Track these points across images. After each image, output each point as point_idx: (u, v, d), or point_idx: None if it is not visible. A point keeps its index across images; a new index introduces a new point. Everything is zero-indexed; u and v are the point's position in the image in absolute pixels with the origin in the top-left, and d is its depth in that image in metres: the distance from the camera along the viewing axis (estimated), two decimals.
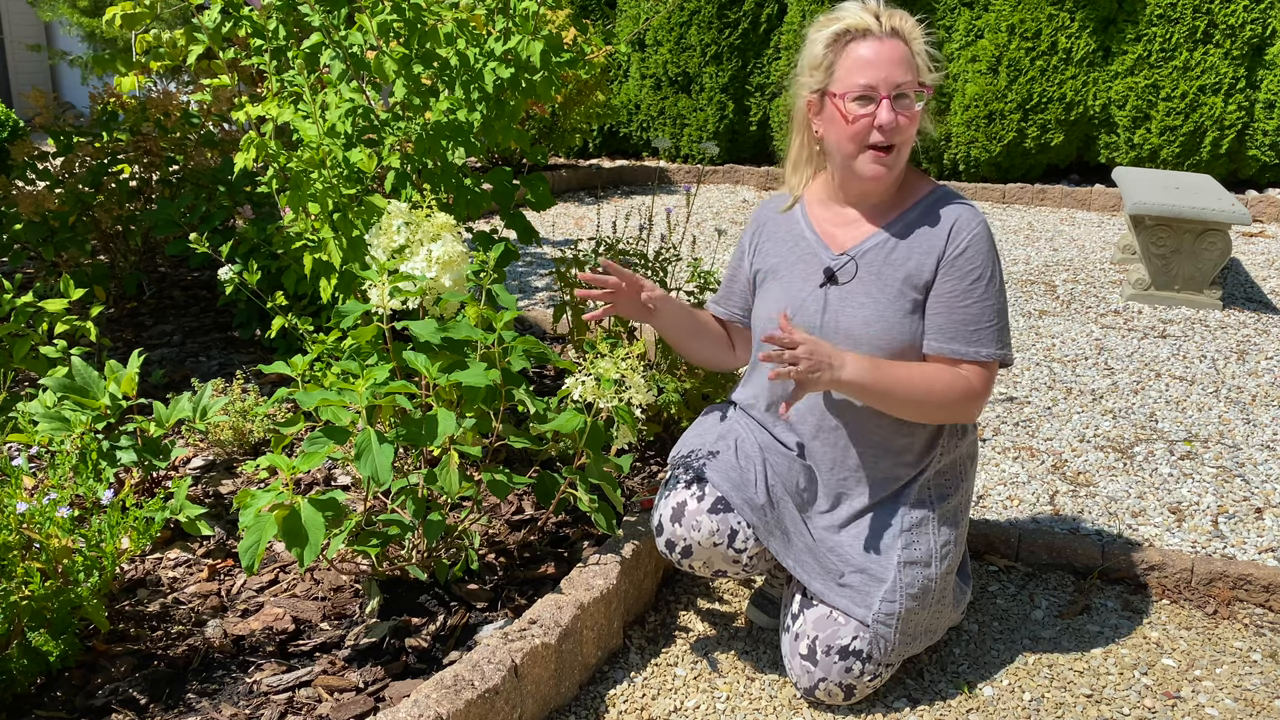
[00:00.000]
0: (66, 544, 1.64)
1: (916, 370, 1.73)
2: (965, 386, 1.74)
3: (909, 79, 1.71)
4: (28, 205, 3.33)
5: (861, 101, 1.71)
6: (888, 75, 1.69)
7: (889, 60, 1.70)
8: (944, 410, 1.75)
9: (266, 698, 1.64)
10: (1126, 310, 4.42)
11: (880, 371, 1.70)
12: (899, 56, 1.71)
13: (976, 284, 1.74)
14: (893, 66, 1.70)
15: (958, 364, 1.76)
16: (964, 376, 1.74)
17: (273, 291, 2.93)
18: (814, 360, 1.64)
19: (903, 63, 1.71)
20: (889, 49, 1.70)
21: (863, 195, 1.83)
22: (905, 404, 1.73)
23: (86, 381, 2.04)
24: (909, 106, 1.71)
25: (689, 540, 1.79)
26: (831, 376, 1.67)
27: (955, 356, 1.74)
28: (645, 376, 1.95)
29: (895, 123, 1.70)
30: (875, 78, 1.69)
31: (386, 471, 1.57)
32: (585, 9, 8.73)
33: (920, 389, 1.71)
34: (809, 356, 1.64)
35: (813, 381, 1.66)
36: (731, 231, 5.97)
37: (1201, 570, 2.17)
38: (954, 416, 1.77)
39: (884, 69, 1.69)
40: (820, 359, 1.65)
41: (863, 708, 1.80)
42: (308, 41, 2.52)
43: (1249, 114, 6.95)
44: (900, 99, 1.71)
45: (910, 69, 1.71)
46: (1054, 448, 2.93)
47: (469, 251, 1.96)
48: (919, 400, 1.72)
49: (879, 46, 1.70)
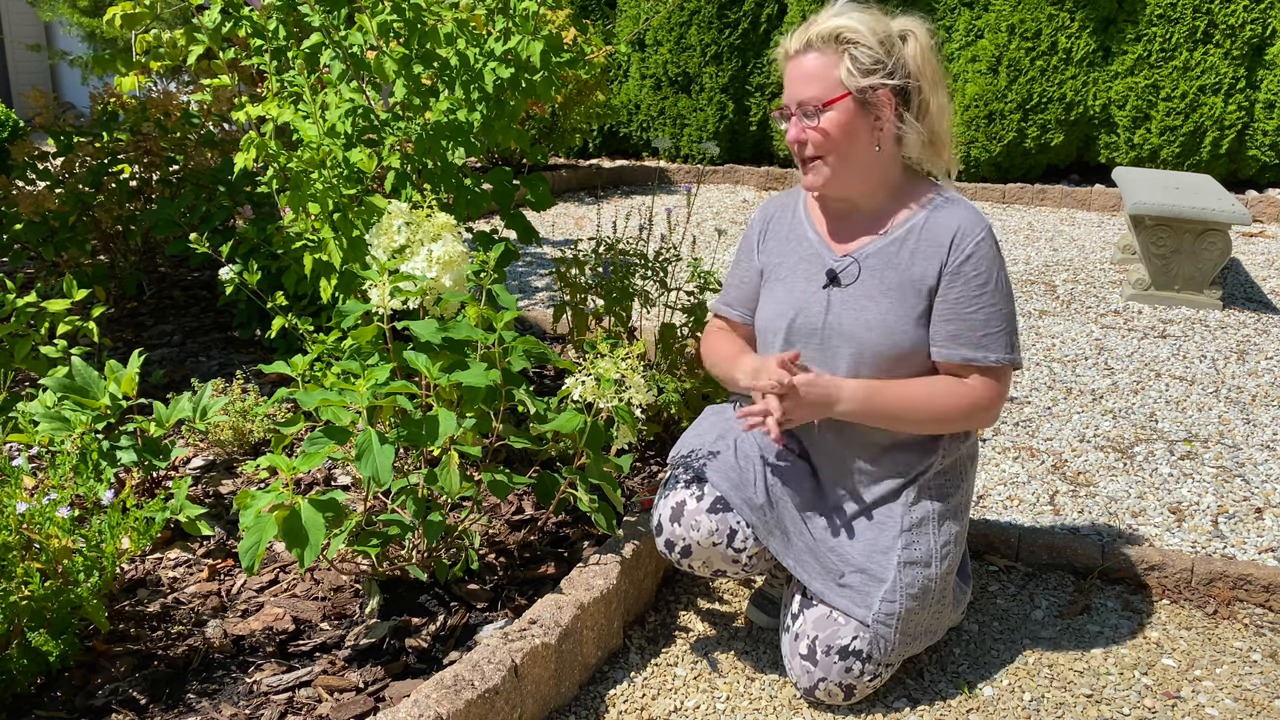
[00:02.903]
0: (66, 544, 1.64)
1: (919, 387, 1.74)
2: (972, 397, 1.74)
3: (811, 93, 1.71)
4: (28, 205, 3.33)
5: (782, 121, 1.78)
6: (791, 93, 1.75)
7: (793, 78, 1.74)
8: (956, 422, 1.76)
9: (266, 698, 1.64)
10: (1126, 310, 4.42)
11: (878, 399, 1.73)
12: (804, 72, 1.72)
13: (982, 290, 1.74)
14: (795, 84, 1.74)
15: (967, 371, 1.76)
16: (970, 386, 1.75)
17: (273, 291, 2.93)
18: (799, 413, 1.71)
19: (807, 77, 1.72)
20: (797, 66, 1.74)
21: (842, 200, 1.84)
22: (912, 423, 1.76)
23: (87, 381, 2.04)
24: (813, 119, 1.72)
25: (688, 540, 1.79)
26: (829, 411, 1.73)
27: (964, 362, 1.74)
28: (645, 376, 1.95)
29: (801, 137, 1.74)
30: (786, 96, 1.77)
31: (387, 472, 1.57)
32: (585, 9, 8.73)
33: (924, 406, 1.73)
34: (791, 410, 1.69)
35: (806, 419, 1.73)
36: (731, 231, 5.97)
37: (1201, 570, 2.17)
38: (970, 425, 1.79)
39: (790, 87, 1.75)
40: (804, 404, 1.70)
41: (863, 708, 1.80)
42: (308, 41, 2.52)
43: (1249, 114, 6.95)
44: (807, 114, 1.72)
45: (819, 81, 1.70)
46: (1054, 448, 2.93)
47: (469, 251, 1.96)
48: (926, 418, 1.74)
49: (791, 66, 1.75)
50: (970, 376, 1.75)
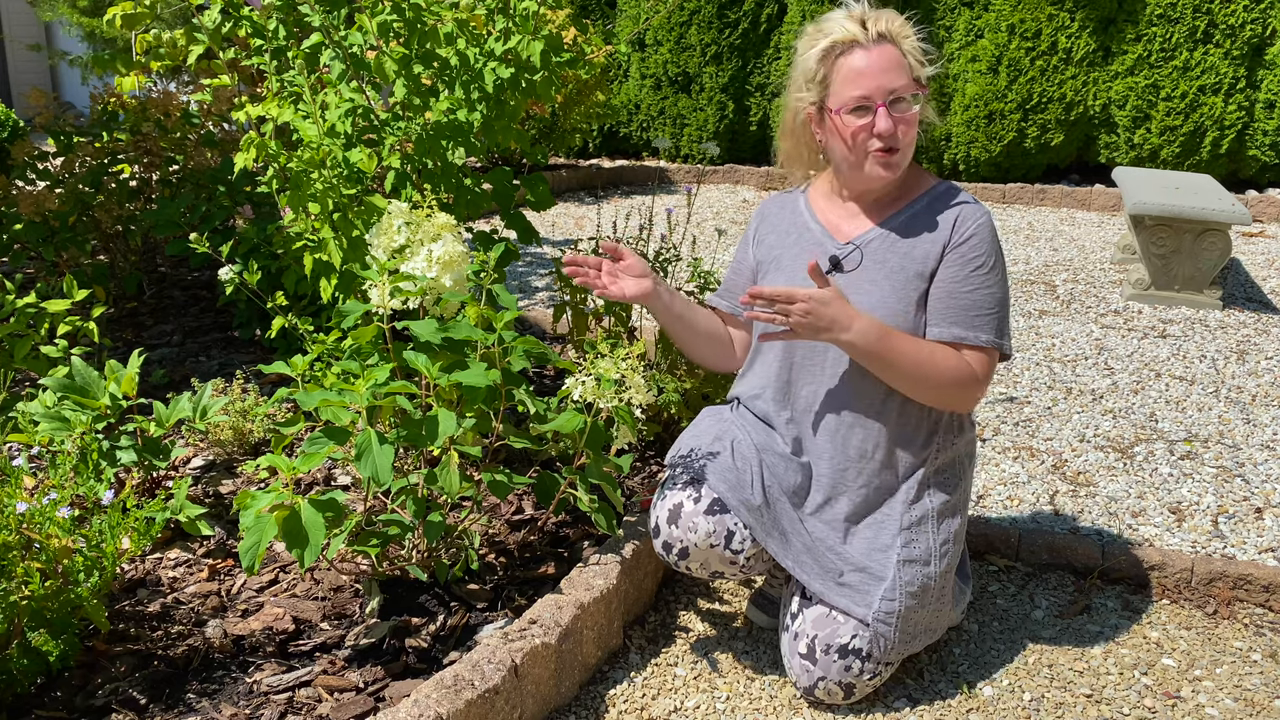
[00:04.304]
0: (67, 544, 1.64)
1: (925, 346, 1.74)
2: (967, 371, 1.75)
3: (902, 83, 1.71)
4: (28, 205, 3.33)
5: (859, 113, 1.73)
6: (880, 83, 1.71)
7: (880, 68, 1.71)
8: (943, 391, 1.75)
9: (266, 698, 1.64)
10: (1126, 310, 4.42)
11: (889, 341, 1.71)
12: (889, 62, 1.72)
13: (978, 271, 1.76)
14: (884, 74, 1.71)
15: (958, 349, 1.77)
16: (964, 359, 1.76)
17: (273, 291, 2.94)
18: (811, 318, 1.67)
19: (894, 67, 1.71)
20: (878, 56, 1.72)
21: (866, 192, 1.85)
22: (907, 377, 1.74)
23: (87, 381, 2.04)
24: (905, 110, 1.73)
25: (686, 542, 1.79)
26: (832, 336, 1.69)
27: (955, 341, 1.76)
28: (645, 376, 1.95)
29: (893, 129, 1.72)
30: (869, 88, 1.71)
31: (387, 472, 1.57)
32: (585, 9, 8.73)
33: (925, 364, 1.72)
34: (805, 315, 1.67)
35: (809, 334, 1.70)
36: (732, 231, 5.97)
37: (1201, 570, 2.17)
38: (952, 400, 1.78)
39: (876, 78, 1.71)
40: (823, 318, 1.67)
41: (862, 707, 1.80)
42: (308, 41, 2.52)
43: (1249, 114, 6.95)
44: (896, 104, 1.72)
45: (903, 71, 1.72)
46: (1054, 448, 2.93)
47: (469, 251, 1.96)
48: (921, 376, 1.73)
49: (868, 55, 1.72)
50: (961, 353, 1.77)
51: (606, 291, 1.84)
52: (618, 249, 1.86)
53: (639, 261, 1.87)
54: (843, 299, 1.70)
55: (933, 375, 1.73)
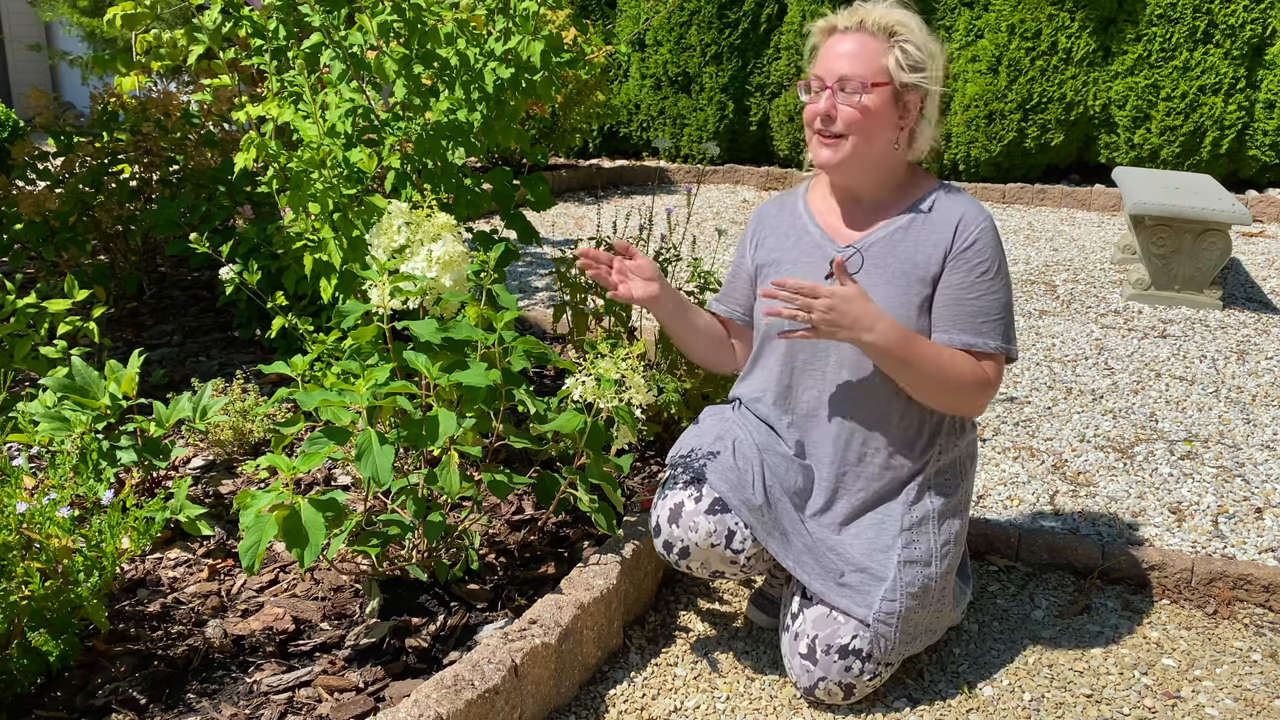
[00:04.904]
0: (66, 544, 1.64)
1: (943, 350, 1.74)
2: (979, 375, 1.75)
3: (860, 71, 1.71)
4: (28, 205, 3.33)
5: (807, 90, 1.77)
6: (832, 66, 1.73)
7: (839, 53, 1.73)
8: (957, 395, 1.75)
9: (266, 698, 1.64)
10: (1126, 310, 4.42)
11: (911, 343, 1.70)
12: (854, 49, 1.72)
13: (983, 277, 1.75)
14: (841, 58, 1.73)
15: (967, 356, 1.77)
16: (978, 365, 1.76)
17: (273, 291, 2.93)
18: (834, 314, 1.65)
19: (857, 55, 1.72)
20: (846, 41, 1.74)
21: (846, 189, 1.85)
22: (926, 379, 1.72)
23: (87, 381, 2.04)
24: (851, 98, 1.72)
25: (686, 541, 1.79)
26: (854, 335, 1.67)
27: (963, 347, 1.76)
28: (645, 376, 1.95)
29: (830, 111, 1.73)
30: (822, 69, 1.75)
31: (387, 472, 1.57)
32: (585, 9, 8.73)
33: (947, 366, 1.72)
34: (828, 310, 1.64)
35: (829, 332, 1.67)
36: (731, 231, 5.97)
37: (1201, 570, 2.17)
38: (963, 404, 1.77)
39: (833, 60, 1.74)
40: (846, 316, 1.65)
41: (863, 707, 1.80)
42: (308, 41, 2.52)
43: (1249, 114, 6.95)
44: (846, 90, 1.72)
45: (868, 63, 1.72)
46: (1054, 448, 2.93)
47: (469, 251, 1.96)
48: (942, 378, 1.72)
49: (838, 39, 1.75)
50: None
51: (615, 291, 1.84)
52: (630, 248, 1.86)
53: (649, 264, 1.87)
54: (865, 297, 1.67)
55: (953, 378, 1.73)
